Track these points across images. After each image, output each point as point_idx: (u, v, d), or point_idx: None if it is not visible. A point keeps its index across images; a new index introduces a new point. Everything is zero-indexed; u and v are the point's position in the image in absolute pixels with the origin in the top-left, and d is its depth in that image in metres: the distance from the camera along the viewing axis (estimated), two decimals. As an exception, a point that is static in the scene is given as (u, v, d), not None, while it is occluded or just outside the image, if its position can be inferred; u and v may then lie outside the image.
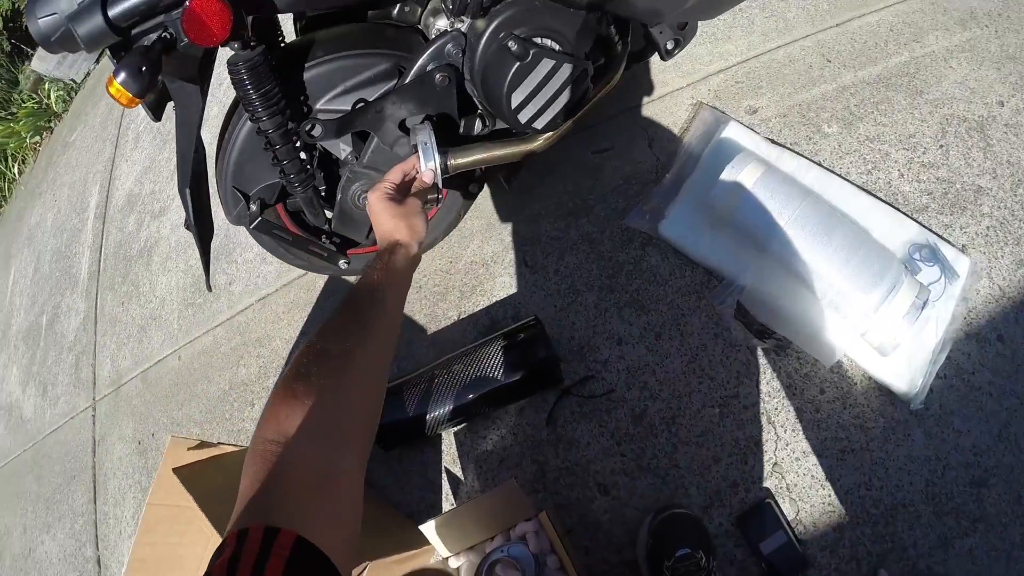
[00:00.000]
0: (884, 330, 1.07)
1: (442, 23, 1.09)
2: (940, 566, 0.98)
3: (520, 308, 1.30)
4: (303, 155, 1.07)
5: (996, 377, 1.09)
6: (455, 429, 1.26)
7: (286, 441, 0.50)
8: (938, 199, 1.23)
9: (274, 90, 0.95)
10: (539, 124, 1.07)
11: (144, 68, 0.81)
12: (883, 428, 1.07)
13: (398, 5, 1.10)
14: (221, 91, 1.92)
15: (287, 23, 1.12)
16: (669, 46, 1.19)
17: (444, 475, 1.24)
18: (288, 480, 0.48)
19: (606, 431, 1.15)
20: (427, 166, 0.86)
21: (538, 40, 1.00)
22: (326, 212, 1.19)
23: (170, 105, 1.01)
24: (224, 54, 0.93)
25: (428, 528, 1.01)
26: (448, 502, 1.21)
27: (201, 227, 1.10)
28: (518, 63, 0.98)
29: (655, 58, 1.25)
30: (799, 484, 1.07)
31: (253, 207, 1.12)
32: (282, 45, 1.09)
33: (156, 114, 1.01)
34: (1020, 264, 1.18)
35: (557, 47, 1.02)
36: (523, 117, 1.05)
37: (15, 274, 2.60)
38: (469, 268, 1.38)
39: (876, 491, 1.04)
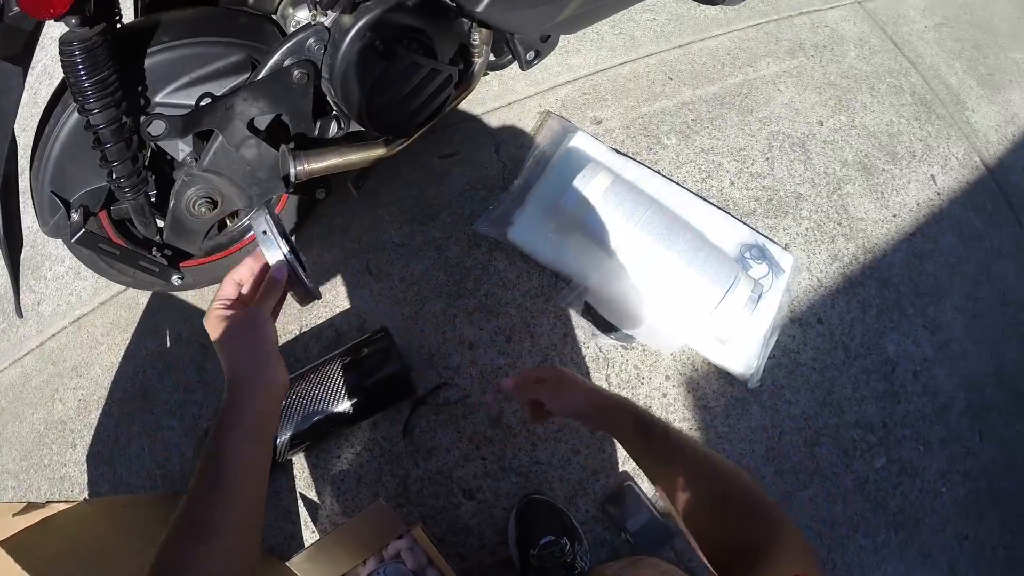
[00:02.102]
0: (724, 322, 1.40)
1: (302, 15, 1.19)
2: (786, 517, 1.36)
3: (366, 318, 1.50)
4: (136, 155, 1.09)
5: (818, 354, 1.51)
6: (307, 452, 1.39)
7: None
8: (764, 204, 1.64)
9: (111, 77, 0.97)
10: (397, 129, 1.25)
11: (-43, 41, 0.81)
12: (724, 406, 1.42)
13: (255, -9, 1.18)
14: (32, 76, 1.92)
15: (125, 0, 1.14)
16: (530, 56, 1.42)
17: (300, 501, 1.37)
18: None
19: (464, 436, 1.38)
20: (274, 258, 0.77)
21: (405, 42, 1.15)
22: (157, 221, 1.25)
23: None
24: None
25: (297, 563, 1.09)
26: (308, 529, 1.35)
27: (10, 239, 1.08)
28: (383, 64, 1.10)
29: (508, 66, 1.51)
30: (654, 463, 1.36)
31: (75, 216, 1.13)
32: (119, 26, 1.11)
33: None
34: (834, 259, 1.62)
35: (423, 50, 1.19)
36: (382, 121, 1.20)
37: None
38: (309, 278, 1.53)
39: (724, 461, 1.37)
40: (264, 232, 0.78)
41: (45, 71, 2.08)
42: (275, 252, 0.76)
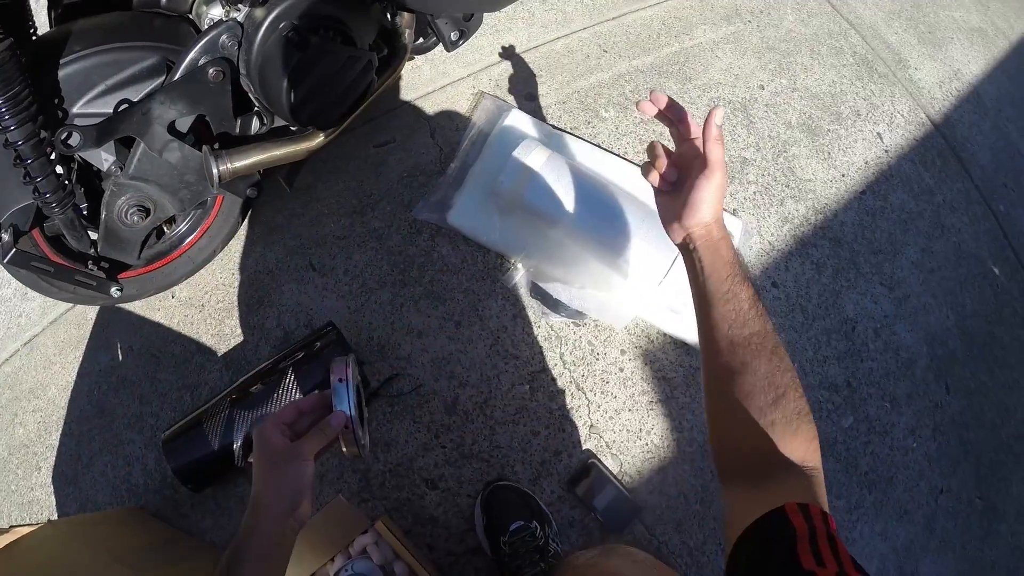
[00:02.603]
0: (674, 291, 1.44)
1: (216, 12, 1.22)
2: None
3: (313, 315, 1.55)
4: (60, 169, 1.14)
5: (775, 317, 1.57)
6: (266, 454, 1.42)
7: None
8: (709, 171, 1.68)
9: (24, 92, 1.01)
10: (321, 120, 1.29)
11: None
12: (684, 376, 1.48)
13: (167, -9, 1.23)
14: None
15: (40, 11, 1.19)
16: (454, 37, 1.45)
17: (264, 504, 1.39)
18: None
19: (422, 426, 1.43)
20: (339, 407, 0.83)
21: (321, 31, 1.18)
22: (90, 234, 1.29)
23: None
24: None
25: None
26: (273, 531, 1.36)
27: None
28: (299, 55, 1.15)
29: (437, 49, 1.57)
30: (617, 440, 1.43)
31: (5, 237, 1.17)
32: (33, 38, 1.16)
33: None
34: (784, 221, 1.68)
35: (340, 38, 1.21)
36: (304, 113, 1.24)
37: None
38: (254, 278, 1.61)
39: (687, 432, 1.44)
40: (340, 380, 0.84)
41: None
42: (342, 403, 0.82)
